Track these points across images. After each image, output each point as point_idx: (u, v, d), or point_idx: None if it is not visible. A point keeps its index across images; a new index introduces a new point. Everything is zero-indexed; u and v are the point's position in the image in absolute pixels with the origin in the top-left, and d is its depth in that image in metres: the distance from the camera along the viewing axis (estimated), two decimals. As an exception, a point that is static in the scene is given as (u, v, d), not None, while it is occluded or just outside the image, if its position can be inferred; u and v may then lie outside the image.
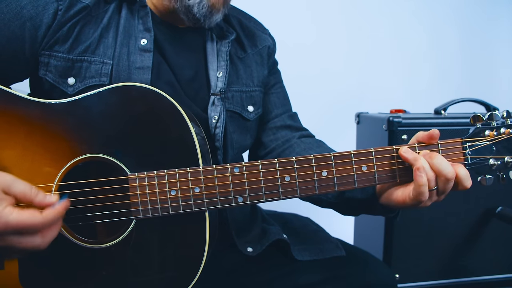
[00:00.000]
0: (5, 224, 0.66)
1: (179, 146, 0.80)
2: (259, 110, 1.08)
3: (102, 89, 0.79)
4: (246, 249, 0.99)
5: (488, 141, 0.77)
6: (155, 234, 0.80)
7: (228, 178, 0.78)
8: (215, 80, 0.99)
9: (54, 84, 0.86)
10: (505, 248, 1.45)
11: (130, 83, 0.81)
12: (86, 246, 0.78)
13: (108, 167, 0.79)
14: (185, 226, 0.80)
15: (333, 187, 0.78)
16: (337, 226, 1.54)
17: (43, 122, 0.78)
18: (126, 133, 0.79)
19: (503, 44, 2.32)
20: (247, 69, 1.06)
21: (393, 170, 0.79)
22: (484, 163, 0.78)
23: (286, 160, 0.79)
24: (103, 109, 0.79)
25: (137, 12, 0.93)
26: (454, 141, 0.79)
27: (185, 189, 0.78)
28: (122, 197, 0.78)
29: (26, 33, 0.83)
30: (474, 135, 0.79)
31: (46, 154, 0.78)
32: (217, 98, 0.98)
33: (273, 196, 0.78)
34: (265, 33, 1.13)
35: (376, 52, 2.14)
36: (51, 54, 0.85)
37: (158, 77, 0.92)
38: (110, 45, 0.89)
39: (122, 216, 0.79)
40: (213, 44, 1.02)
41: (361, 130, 1.63)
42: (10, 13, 0.83)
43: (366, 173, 0.78)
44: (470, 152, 0.78)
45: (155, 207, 0.78)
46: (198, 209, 0.79)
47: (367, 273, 1.00)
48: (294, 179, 0.78)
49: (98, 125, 0.79)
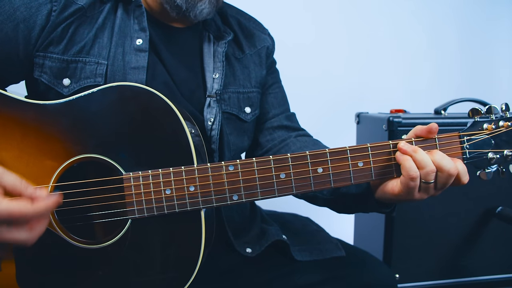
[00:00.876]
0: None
1: (174, 145, 0.79)
2: (256, 111, 1.07)
3: (96, 89, 0.79)
4: (245, 250, 0.98)
5: (487, 135, 0.76)
6: (151, 233, 0.79)
7: (223, 176, 0.77)
8: (211, 81, 0.98)
9: (49, 85, 0.86)
10: (505, 248, 1.44)
11: (124, 83, 0.80)
12: (82, 246, 0.78)
13: (103, 167, 0.78)
14: (181, 225, 0.79)
15: (329, 183, 0.77)
16: (337, 226, 1.53)
17: (37, 123, 0.78)
18: (120, 133, 0.79)
19: (503, 44, 2.31)
20: (245, 70, 1.05)
21: (389, 165, 0.78)
22: (483, 157, 0.77)
23: (281, 157, 0.78)
24: (98, 109, 0.79)
25: (132, 12, 0.92)
26: (452, 135, 0.77)
27: (180, 188, 0.77)
28: (117, 197, 0.78)
29: (19, 35, 0.83)
30: (472, 129, 0.78)
31: (41, 156, 0.77)
32: (213, 100, 0.97)
33: (269, 193, 0.77)
34: (264, 33, 1.12)
35: (376, 52, 2.13)
36: (45, 55, 0.85)
37: (154, 77, 0.91)
38: (105, 45, 0.88)
39: (117, 216, 0.78)
40: (210, 45, 1.01)
41: (361, 130, 1.62)
42: (3, 15, 0.83)
43: (362, 168, 0.77)
44: (468, 146, 0.76)
45: (150, 207, 0.77)
46: (193, 207, 0.78)
47: (367, 273, 0.99)
48: (289, 176, 0.77)
49: (92, 125, 0.79)
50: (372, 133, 1.49)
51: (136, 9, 0.93)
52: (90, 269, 0.78)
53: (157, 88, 0.80)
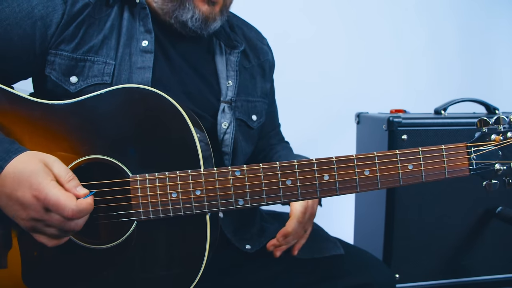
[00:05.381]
0: (45, 195, 0.67)
1: (181, 148, 0.78)
2: (261, 119, 1.09)
3: (105, 91, 0.78)
4: (244, 247, 0.98)
5: (494, 146, 0.73)
6: (156, 236, 0.78)
7: (229, 181, 0.76)
8: (225, 88, 1.00)
9: (57, 82, 0.86)
10: (505, 248, 1.42)
11: (132, 85, 0.79)
12: (88, 246, 0.77)
13: (110, 169, 0.77)
14: (186, 228, 0.78)
15: (335, 191, 0.76)
16: (337, 226, 1.52)
17: (45, 123, 0.77)
18: (128, 134, 0.78)
19: (503, 44, 2.27)
20: (252, 80, 1.07)
21: (396, 174, 0.76)
22: (490, 168, 0.74)
23: (288, 163, 0.76)
24: (106, 111, 0.78)
25: (138, 14, 0.92)
26: (459, 146, 0.75)
27: (186, 191, 0.76)
28: (123, 199, 0.76)
29: (37, 32, 0.83)
30: (479, 139, 0.75)
31: (49, 156, 0.76)
32: (228, 106, 0.98)
33: (274, 199, 0.76)
34: (264, 44, 1.14)
35: (376, 52, 2.11)
36: (56, 53, 0.85)
37: (160, 78, 0.91)
38: (113, 47, 0.88)
39: (123, 217, 0.77)
40: (222, 52, 1.03)
41: (361, 130, 1.60)
42: (22, 12, 0.83)
43: (368, 177, 0.75)
44: (475, 157, 0.74)
45: (156, 209, 0.76)
46: (199, 211, 0.76)
47: (366, 272, 0.98)
48: (295, 182, 0.75)
49: (100, 126, 0.78)
50: (372, 133, 1.47)
51: (141, 11, 0.93)
52: (95, 269, 0.78)
53: (163, 89, 0.80)
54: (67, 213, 0.67)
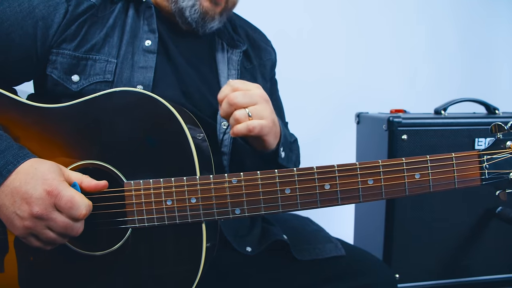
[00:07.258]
0: (59, 192, 0.66)
1: (177, 154, 0.74)
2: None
3: (99, 94, 0.75)
4: (245, 249, 0.94)
5: (510, 154, 0.67)
6: (151, 243, 0.74)
7: (226, 189, 0.71)
8: None
9: (58, 80, 0.84)
10: (505, 248, 1.39)
11: (127, 88, 0.77)
12: (83, 252, 0.74)
13: (105, 174, 0.74)
14: (182, 237, 0.74)
15: (336, 201, 0.71)
16: (337, 226, 1.49)
17: (40, 127, 0.75)
18: (123, 139, 0.75)
19: (503, 44, 2.24)
20: (253, 80, 1.03)
21: (402, 184, 0.71)
22: (504, 177, 0.69)
23: (287, 172, 0.72)
24: (99, 115, 0.75)
25: (143, 13, 0.91)
26: (470, 154, 0.69)
27: (182, 199, 0.72)
28: (118, 205, 0.73)
29: (38, 32, 0.82)
30: (493, 147, 0.70)
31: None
32: None
33: (273, 209, 0.71)
34: (268, 45, 1.12)
35: (376, 52, 2.08)
36: (58, 52, 0.84)
37: (162, 78, 0.88)
38: (115, 45, 0.87)
39: (117, 224, 0.74)
40: (223, 52, 1.00)
41: (361, 130, 1.58)
42: (23, 12, 0.82)
43: (372, 186, 0.70)
44: (488, 166, 0.68)
45: (150, 217, 0.72)
46: (194, 220, 0.72)
47: (367, 273, 0.95)
48: (294, 191, 0.71)
49: (95, 131, 0.75)
50: (372, 133, 1.44)
51: (146, 10, 0.91)
52: (91, 275, 0.75)
53: (164, 90, 0.79)
54: (80, 212, 0.66)
